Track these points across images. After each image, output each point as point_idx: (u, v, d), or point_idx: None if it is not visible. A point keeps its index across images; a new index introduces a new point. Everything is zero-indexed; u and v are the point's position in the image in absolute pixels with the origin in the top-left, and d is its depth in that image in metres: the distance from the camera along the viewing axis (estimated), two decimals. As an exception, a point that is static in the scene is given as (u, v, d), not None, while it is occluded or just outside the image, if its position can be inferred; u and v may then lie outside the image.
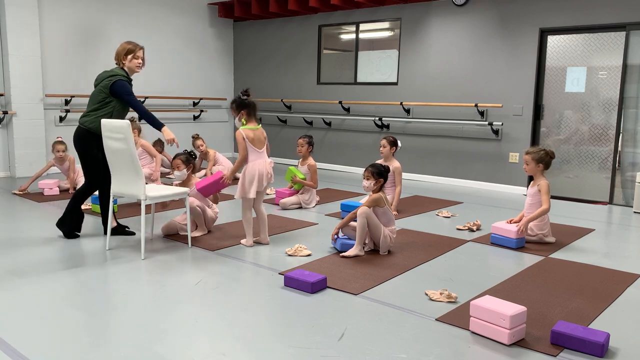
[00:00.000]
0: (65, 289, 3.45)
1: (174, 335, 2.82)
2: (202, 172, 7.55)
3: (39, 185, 6.45)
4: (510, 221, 4.71)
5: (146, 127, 9.04)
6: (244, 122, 4.29)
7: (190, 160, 4.83)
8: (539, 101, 7.13)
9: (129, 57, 4.73)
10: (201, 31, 9.88)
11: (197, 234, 4.71)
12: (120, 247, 4.37)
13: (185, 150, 5.04)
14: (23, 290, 3.42)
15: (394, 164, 5.79)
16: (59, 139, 6.66)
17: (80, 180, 6.66)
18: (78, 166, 6.83)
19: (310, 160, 6.08)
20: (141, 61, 4.76)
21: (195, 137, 7.85)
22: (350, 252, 4.14)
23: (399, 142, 5.89)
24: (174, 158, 4.87)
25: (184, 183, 4.81)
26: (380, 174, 4.26)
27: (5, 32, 7.40)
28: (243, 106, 4.29)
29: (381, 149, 5.82)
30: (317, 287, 3.43)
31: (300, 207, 5.97)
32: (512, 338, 2.74)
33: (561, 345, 2.71)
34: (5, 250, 4.29)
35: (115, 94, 4.52)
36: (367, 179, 4.26)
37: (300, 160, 6.19)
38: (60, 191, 6.54)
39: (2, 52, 7.53)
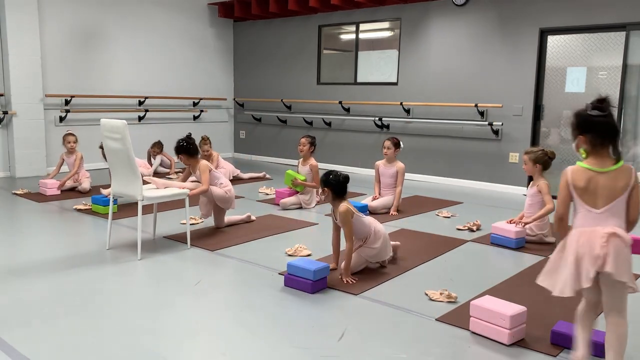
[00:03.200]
0: (65, 289, 3.45)
1: (173, 335, 2.82)
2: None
3: (41, 184, 6.44)
4: (510, 221, 4.71)
5: (147, 129, 9.04)
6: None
7: (180, 147, 4.67)
8: (539, 101, 7.13)
9: None
10: (201, 31, 9.87)
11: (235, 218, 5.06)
12: (120, 247, 4.37)
13: (189, 134, 4.87)
14: (23, 290, 3.42)
15: (398, 164, 5.83)
16: (70, 132, 6.79)
17: (85, 181, 6.64)
18: (85, 166, 6.83)
19: (312, 161, 6.08)
20: None
21: (204, 141, 7.52)
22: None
23: (401, 143, 5.92)
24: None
25: (193, 169, 4.73)
26: (326, 182, 3.71)
27: (6, 32, 7.40)
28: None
29: (385, 150, 5.83)
30: (317, 286, 3.43)
31: (301, 207, 5.97)
32: (512, 338, 2.74)
33: (561, 345, 2.71)
34: (5, 250, 4.29)
35: None
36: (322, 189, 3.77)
37: (301, 160, 6.18)
38: (62, 191, 6.50)
39: (2, 52, 7.53)
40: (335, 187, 3.70)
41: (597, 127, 2.34)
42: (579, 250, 2.28)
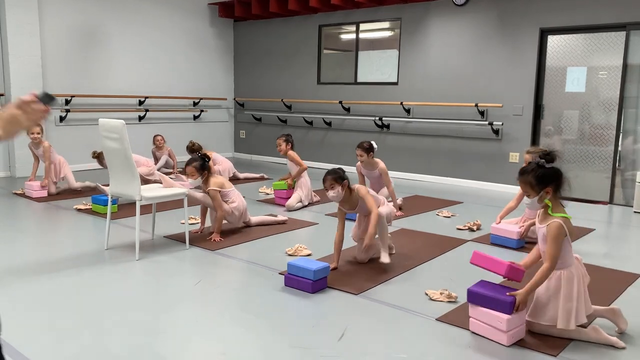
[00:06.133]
0: (64, 289, 3.45)
1: (174, 335, 2.82)
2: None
3: (26, 186, 6.33)
4: (500, 220, 4.70)
5: (148, 128, 9.03)
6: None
7: (205, 166, 4.59)
8: (539, 101, 7.13)
9: None
10: (201, 31, 9.87)
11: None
12: (119, 247, 4.37)
13: (198, 154, 4.82)
14: (22, 289, 3.42)
15: (379, 166, 5.64)
16: None
17: (67, 170, 6.45)
18: (60, 157, 6.53)
19: (290, 153, 6.08)
20: None
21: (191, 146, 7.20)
22: (385, 258, 3.82)
23: (374, 144, 5.66)
24: (187, 164, 4.58)
25: (205, 186, 4.65)
26: (342, 177, 3.79)
27: (6, 32, 7.40)
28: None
29: (359, 158, 5.65)
30: (317, 286, 3.43)
31: (306, 206, 5.97)
32: (510, 339, 2.73)
33: (475, 303, 2.81)
34: (4, 249, 4.29)
35: None
36: (333, 188, 3.74)
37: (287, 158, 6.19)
38: (49, 194, 6.32)
39: (2, 52, 7.53)
40: (345, 177, 3.79)
41: (556, 176, 2.77)
42: (581, 281, 2.83)
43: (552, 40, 6.96)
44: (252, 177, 7.94)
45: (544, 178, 2.76)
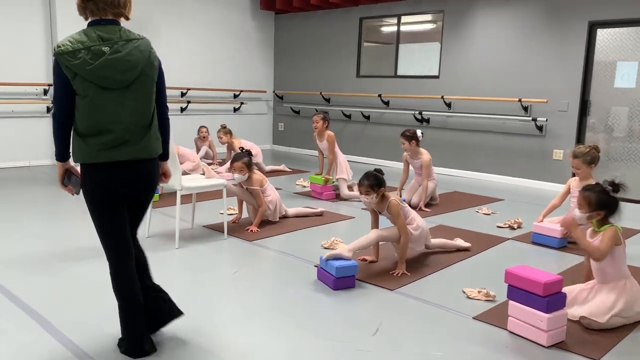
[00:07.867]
0: (103, 276, 3.54)
1: (208, 322, 2.86)
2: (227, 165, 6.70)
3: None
4: (543, 218, 4.58)
5: (190, 120, 9.16)
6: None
7: (251, 163, 4.62)
8: (586, 97, 6.90)
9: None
10: (243, 23, 9.95)
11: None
12: (160, 235, 4.46)
13: (242, 149, 4.80)
14: (66, 274, 3.53)
15: (423, 157, 5.63)
16: None
17: None
18: None
19: (328, 132, 6.08)
20: None
21: (222, 129, 7.43)
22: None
23: (418, 133, 5.63)
24: (234, 160, 4.57)
25: (247, 183, 4.66)
26: (379, 184, 3.64)
27: (56, 25, 7.63)
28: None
29: (402, 146, 5.69)
30: (340, 284, 3.36)
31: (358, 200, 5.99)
32: (550, 340, 2.67)
33: (512, 285, 2.81)
34: (48, 236, 4.43)
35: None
36: (368, 194, 3.63)
37: (317, 136, 6.19)
38: None
39: (52, 44, 7.77)
40: (383, 183, 3.67)
41: (613, 206, 3.05)
42: None
43: (602, 34, 6.72)
44: (276, 169, 7.89)
45: (603, 204, 3.04)
